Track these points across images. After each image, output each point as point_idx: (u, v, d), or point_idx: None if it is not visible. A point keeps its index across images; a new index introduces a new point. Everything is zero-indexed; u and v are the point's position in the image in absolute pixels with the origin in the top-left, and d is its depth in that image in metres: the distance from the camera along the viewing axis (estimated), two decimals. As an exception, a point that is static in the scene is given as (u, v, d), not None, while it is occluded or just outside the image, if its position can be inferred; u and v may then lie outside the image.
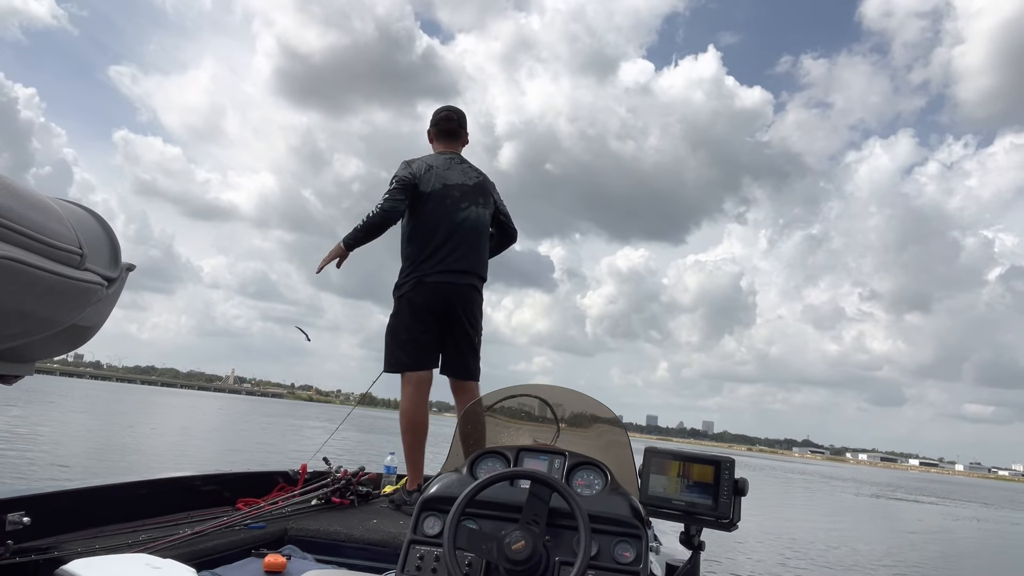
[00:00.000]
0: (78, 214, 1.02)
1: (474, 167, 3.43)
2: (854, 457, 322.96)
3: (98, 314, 1.08)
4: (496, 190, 3.50)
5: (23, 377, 1.05)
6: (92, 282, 0.99)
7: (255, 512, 2.46)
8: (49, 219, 0.91)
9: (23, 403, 27.93)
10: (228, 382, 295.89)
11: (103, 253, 1.05)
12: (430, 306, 3.16)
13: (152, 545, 1.91)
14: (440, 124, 3.48)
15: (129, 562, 1.40)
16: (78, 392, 56.30)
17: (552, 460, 1.61)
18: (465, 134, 3.53)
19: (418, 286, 3.16)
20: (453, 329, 3.21)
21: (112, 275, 1.06)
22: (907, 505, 29.53)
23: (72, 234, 0.95)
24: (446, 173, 3.29)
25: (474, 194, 3.31)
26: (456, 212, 3.22)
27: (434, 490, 1.54)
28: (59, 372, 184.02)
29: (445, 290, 3.16)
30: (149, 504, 2.34)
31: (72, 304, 0.97)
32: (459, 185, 3.28)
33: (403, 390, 3.17)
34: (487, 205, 3.36)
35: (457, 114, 3.52)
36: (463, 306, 3.20)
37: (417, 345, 3.16)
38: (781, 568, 10.05)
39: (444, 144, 3.46)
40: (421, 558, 1.43)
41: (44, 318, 0.94)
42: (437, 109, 3.55)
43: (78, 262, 0.95)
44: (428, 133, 3.54)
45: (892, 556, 12.77)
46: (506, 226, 3.54)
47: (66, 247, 0.92)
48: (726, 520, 1.41)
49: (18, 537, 1.75)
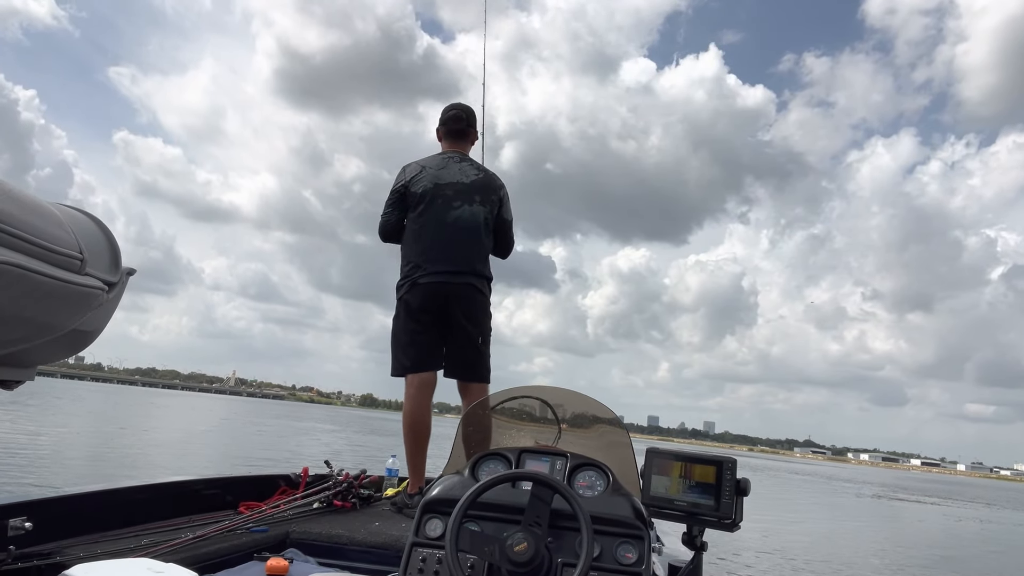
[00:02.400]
0: (78, 219, 1.02)
1: (476, 166, 3.38)
2: (855, 457, 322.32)
3: (99, 319, 1.08)
4: (503, 192, 3.38)
5: (24, 382, 1.05)
6: (93, 287, 0.99)
7: (257, 516, 2.45)
8: (49, 224, 0.91)
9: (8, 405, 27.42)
10: (229, 384, 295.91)
11: (103, 258, 1.04)
12: (426, 307, 3.14)
13: (154, 549, 1.91)
14: (448, 124, 3.43)
15: (131, 566, 1.40)
16: (72, 394, 55.93)
17: (554, 461, 1.61)
18: (474, 132, 3.49)
19: (413, 288, 3.16)
20: (452, 330, 3.18)
21: (112, 280, 1.06)
22: (909, 506, 29.50)
23: (72, 239, 0.95)
24: (440, 172, 3.26)
25: (468, 192, 3.23)
26: (447, 211, 3.18)
27: (436, 492, 1.54)
28: (60, 375, 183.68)
29: (438, 290, 3.13)
30: (151, 508, 2.34)
31: (73, 309, 0.97)
32: (452, 184, 3.23)
33: (406, 393, 3.16)
34: (484, 203, 3.25)
35: (466, 113, 3.47)
36: (461, 306, 3.15)
37: (417, 348, 3.15)
38: (783, 569, 10.04)
39: (451, 143, 3.43)
40: (423, 561, 1.43)
41: (45, 323, 0.94)
42: (446, 107, 3.50)
43: (78, 267, 0.95)
44: (437, 131, 3.50)
45: (894, 557, 12.75)
46: (501, 237, 3.38)
47: (66, 252, 0.92)
48: (728, 521, 1.41)
49: (20, 543, 1.75)
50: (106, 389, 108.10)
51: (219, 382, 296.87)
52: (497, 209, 3.33)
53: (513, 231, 3.47)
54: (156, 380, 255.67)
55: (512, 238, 3.46)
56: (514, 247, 3.51)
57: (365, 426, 52.98)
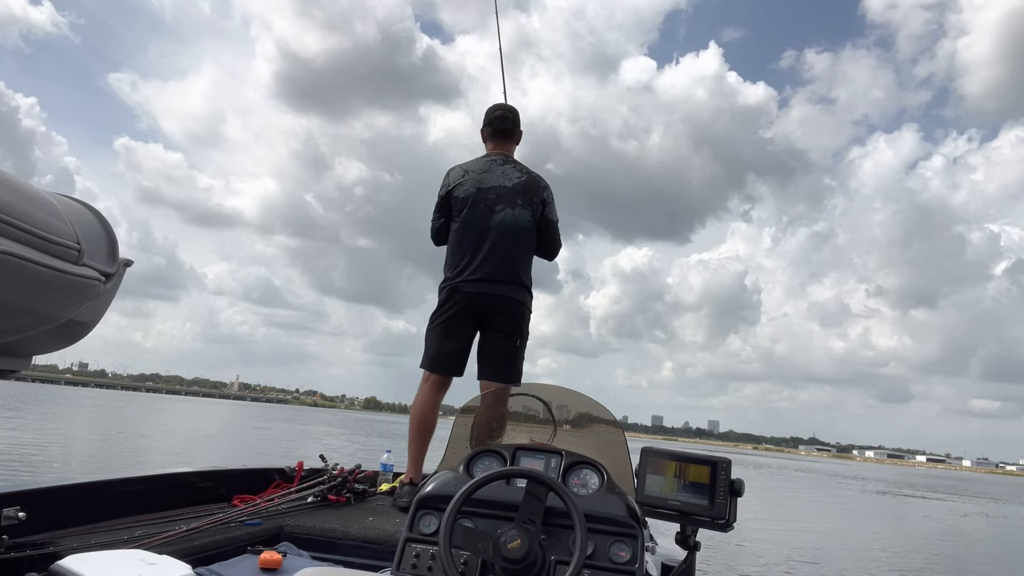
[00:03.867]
0: (76, 209, 1.02)
1: (520, 168, 3.31)
2: (860, 454, 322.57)
3: (95, 309, 1.07)
4: (548, 193, 3.31)
5: (19, 372, 1.05)
6: (90, 277, 0.99)
7: (251, 509, 2.46)
8: (47, 214, 0.90)
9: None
10: (233, 388, 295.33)
11: (101, 248, 1.04)
12: (462, 314, 3.14)
13: (148, 541, 1.91)
14: (495, 123, 3.38)
15: (124, 558, 1.40)
16: (69, 400, 55.52)
17: (549, 459, 1.61)
18: (519, 132, 3.44)
19: (453, 293, 3.15)
20: (487, 335, 3.18)
21: (110, 270, 1.05)
22: (915, 502, 29.51)
23: (70, 229, 0.94)
24: (483, 176, 3.22)
25: (511, 196, 3.18)
26: (489, 216, 3.14)
27: (430, 488, 1.54)
28: (64, 381, 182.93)
29: (477, 300, 3.12)
30: (145, 500, 2.34)
31: (69, 299, 0.97)
32: (495, 188, 3.19)
33: (420, 386, 3.20)
34: (528, 206, 3.19)
35: (512, 113, 3.42)
36: (499, 315, 3.13)
37: (445, 350, 3.16)
38: (779, 568, 10.06)
39: (496, 143, 3.38)
40: (417, 556, 1.43)
41: (41, 313, 0.93)
42: (490, 107, 3.45)
43: (75, 257, 0.95)
44: (481, 132, 3.45)
45: (900, 553, 12.76)
46: (546, 239, 3.31)
47: (64, 242, 0.92)
48: (722, 521, 1.42)
49: (13, 532, 1.74)
50: (110, 396, 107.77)
51: (223, 387, 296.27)
52: (541, 211, 3.26)
53: (559, 233, 3.37)
54: (160, 386, 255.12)
55: (558, 239, 3.37)
56: (560, 249, 3.42)
57: (370, 429, 52.92)
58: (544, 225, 3.28)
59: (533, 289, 3.25)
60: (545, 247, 3.35)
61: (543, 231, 3.29)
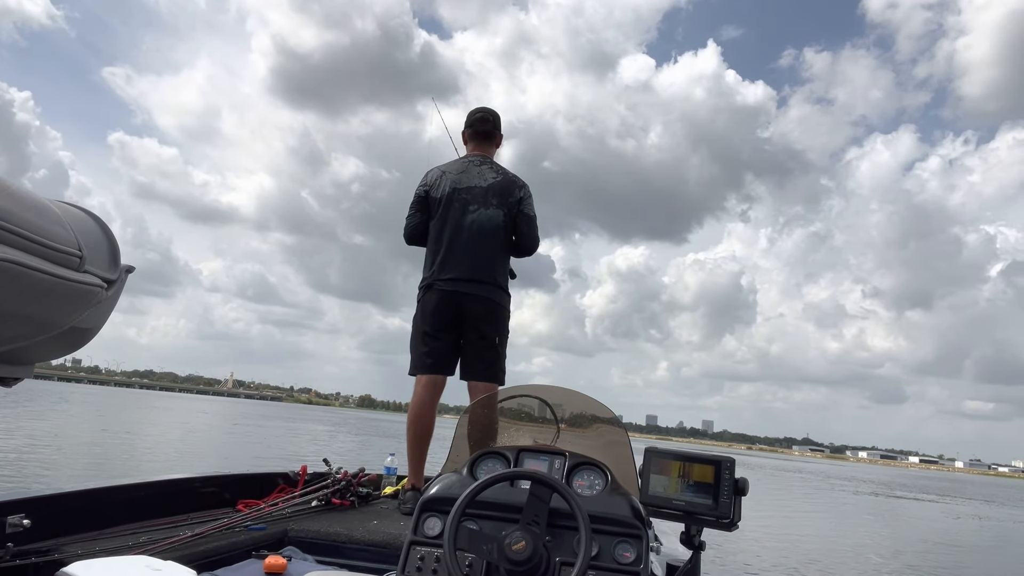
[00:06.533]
0: (77, 216, 1.02)
1: (497, 168, 3.34)
2: (854, 455, 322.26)
3: (97, 316, 1.08)
4: (524, 191, 3.31)
5: (22, 380, 1.05)
6: (91, 284, 0.99)
7: (255, 513, 2.45)
8: (48, 221, 0.90)
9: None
10: (227, 385, 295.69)
11: (102, 255, 1.04)
12: (439, 312, 3.17)
13: (153, 547, 1.91)
14: (475, 125, 3.43)
15: (130, 564, 1.40)
16: (61, 396, 55.33)
17: (552, 460, 1.61)
18: (499, 135, 3.50)
19: (428, 292, 3.20)
20: (466, 335, 3.20)
21: (111, 277, 1.06)
22: (907, 503, 29.49)
23: (71, 236, 0.95)
24: (459, 176, 3.26)
25: (485, 196, 3.22)
26: (463, 215, 3.19)
27: (434, 491, 1.54)
28: (57, 377, 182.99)
29: (452, 298, 3.15)
30: (149, 506, 2.34)
31: (71, 306, 0.97)
32: (470, 188, 3.23)
33: (414, 391, 3.21)
34: (502, 206, 3.22)
35: (492, 116, 3.48)
36: (475, 313, 3.16)
37: (428, 350, 3.18)
38: (781, 568, 10.05)
39: (476, 145, 3.43)
40: (422, 559, 1.43)
41: (43, 320, 0.94)
42: (472, 110, 3.51)
43: (77, 264, 0.95)
44: (462, 134, 3.50)
45: (892, 555, 12.76)
46: (520, 232, 3.30)
47: (65, 249, 0.92)
48: (726, 520, 1.42)
49: (18, 539, 1.75)
50: (103, 392, 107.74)
51: (217, 384, 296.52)
52: (516, 209, 3.27)
53: (536, 228, 3.35)
54: (154, 382, 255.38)
55: (535, 234, 3.34)
56: (539, 245, 3.38)
57: (365, 427, 52.90)
58: (520, 220, 3.28)
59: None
60: (520, 241, 3.33)
61: (519, 225, 3.29)
